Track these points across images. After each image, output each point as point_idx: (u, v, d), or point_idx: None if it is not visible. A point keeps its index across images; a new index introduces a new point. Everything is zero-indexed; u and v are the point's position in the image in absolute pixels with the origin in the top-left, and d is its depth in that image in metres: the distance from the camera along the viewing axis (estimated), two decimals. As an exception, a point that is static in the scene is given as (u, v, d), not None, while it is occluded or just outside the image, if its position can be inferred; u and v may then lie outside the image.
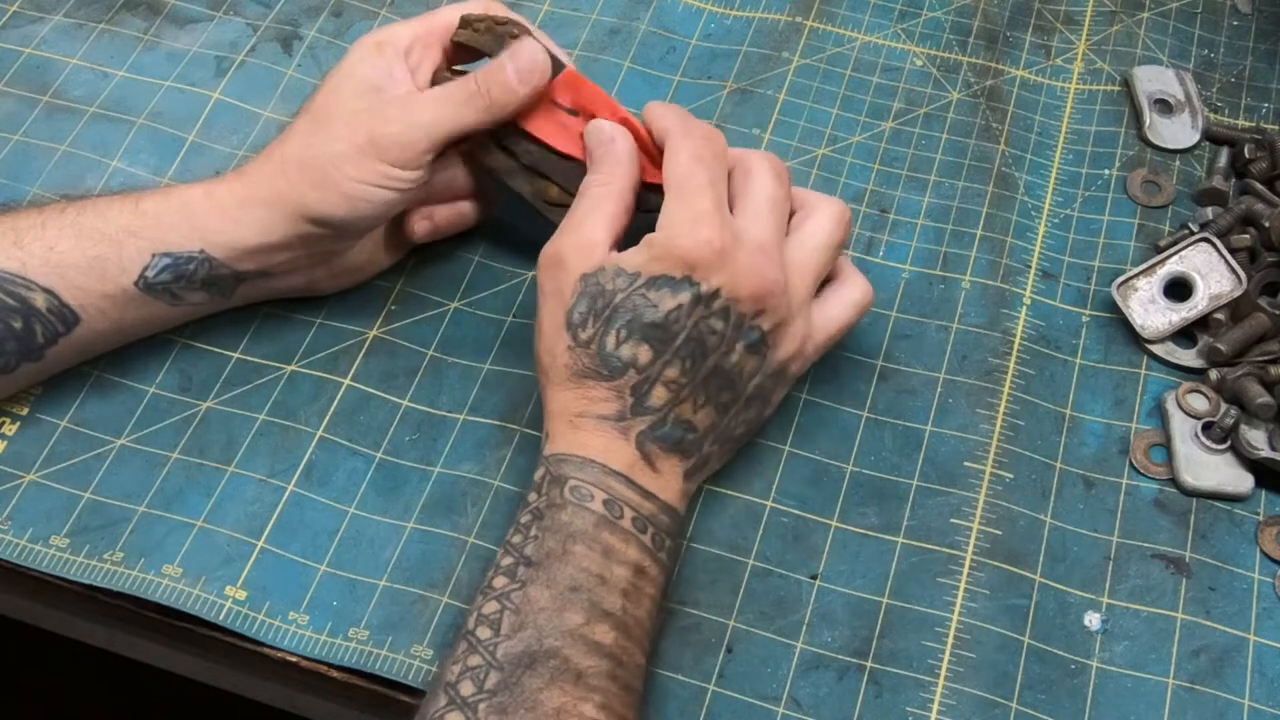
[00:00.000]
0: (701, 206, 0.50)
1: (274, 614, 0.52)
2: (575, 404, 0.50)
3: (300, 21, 0.72)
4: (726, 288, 0.50)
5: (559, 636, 0.45)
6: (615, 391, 0.50)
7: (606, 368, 0.50)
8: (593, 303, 0.50)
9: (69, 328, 0.53)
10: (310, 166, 0.53)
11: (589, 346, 0.50)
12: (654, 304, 0.50)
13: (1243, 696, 0.51)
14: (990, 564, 0.54)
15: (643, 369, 0.50)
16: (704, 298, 0.50)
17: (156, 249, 0.53)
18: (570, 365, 0.50)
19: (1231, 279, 0.60)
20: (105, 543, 0.53)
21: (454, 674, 0.45)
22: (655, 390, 0.50)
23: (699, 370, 0.50)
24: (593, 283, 0.50)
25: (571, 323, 0.50)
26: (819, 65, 0.72)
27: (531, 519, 0.48)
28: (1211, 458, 0.56)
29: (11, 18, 0.72)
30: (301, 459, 0.56)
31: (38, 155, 0.65)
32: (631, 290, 0.50)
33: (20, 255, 0.52)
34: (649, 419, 0.50)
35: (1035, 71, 0.72)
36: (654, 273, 0.50)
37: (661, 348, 0.50)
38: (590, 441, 0.49)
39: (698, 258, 0.49)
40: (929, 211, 0.66)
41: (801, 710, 0.50)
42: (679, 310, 0.50)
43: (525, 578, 0.46)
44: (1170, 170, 0.67)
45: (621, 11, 0.74)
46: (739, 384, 0.52)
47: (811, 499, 0.56)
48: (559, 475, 0.49)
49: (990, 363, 0.60)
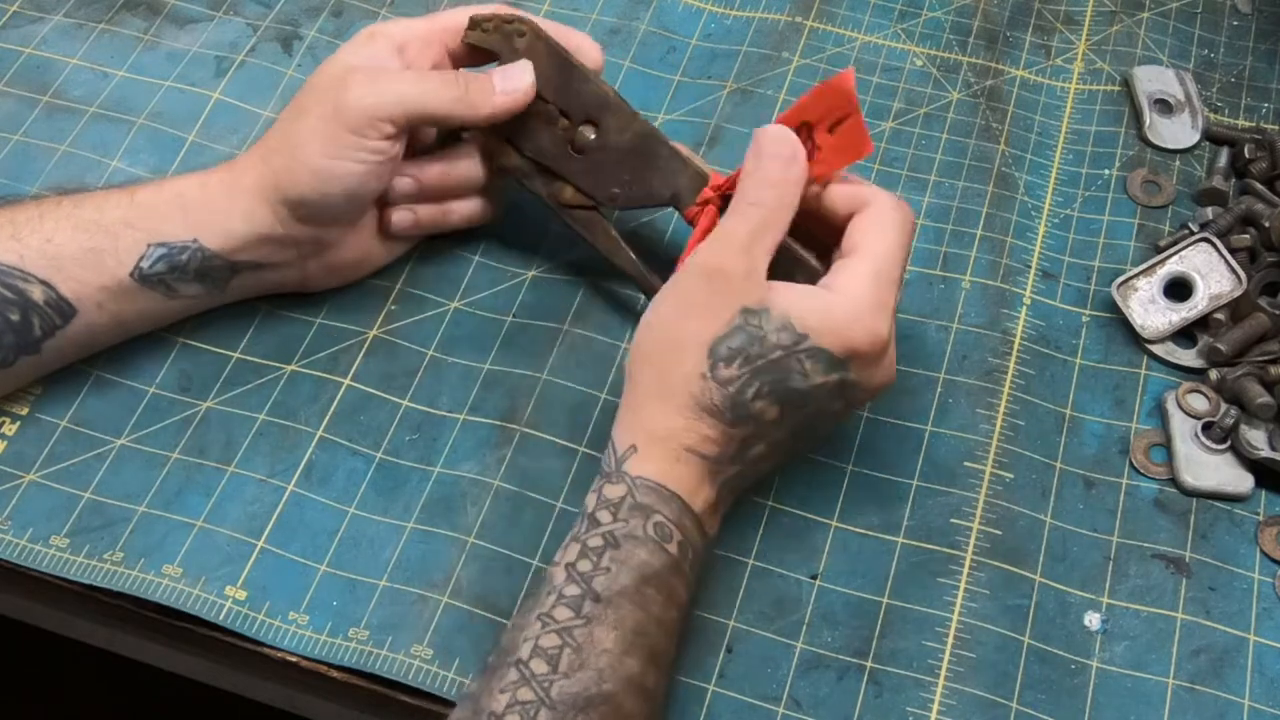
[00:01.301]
0: (887, 299, 0.48)
1: (274, 614, 0.52)
2: (685, 435, 0.47)
3: (300, 21, 0.72)
4: (865, 380, 0.49)
5: (618, 682, 0.43)
6: (729, 438, 0.48)
7: (733, 414, 0.47)
8: (748, 344, 0.47)
9: (66, 320, 0.53)
10: (281, 147, 0.54)
11: (726, 387, 0.47)
12: (806, 374, 0.47)
13: (1243, 696, 0.51)
14: (990, 564, 0.54)
15: (763, 426, 0.48)
16: (847, 383, 0.48)
17: (151, 239, 0.53)
18: (697, 395, 0.47)
19: (1231, 279, 0.60)
20: (105, 543, 0.53)
21: (500, 704, 0.43)
22: (758, 447, 0.49)
23: (801, 435, 0.50)
24: (754, 323, 0.47)
25: (717, 353, 0.47)
26: (819, 65, 0.72)
27: (603, 545, 0.45)
28: (1211, 458, 0.56)
29: (11, 18, 0.72)
30: (301, 459, 0.56)
31: (38, 155, 0.65)
32: (793, 352, 0.47)
33: (18, 248, 0.52)
34: (739, 468, 0.49)
35: (1035, 71, 0.72)
36: (820, 344, 0.47)
37: (790, 414, 0.48)
38: (685, 476, 0.47)
39: (866, 351, 0.48)
40: (929, 211, 0.66)
41: (801, 710, 0.50)
42: (824, 387, 0.48)
43: (591, 614, 0.44)
44: (1170, 170, 0.67)
45: (621, 11, 0.74)
46: (816, 434, 0.52)
47: (811, 499, 0.56)
48: (645, 505, 0.46)
49: (990, 363, 0.60)
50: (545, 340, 0.60)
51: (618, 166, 0.56)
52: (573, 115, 0.56)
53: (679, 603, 0.47)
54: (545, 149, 0.57)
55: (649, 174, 0.56)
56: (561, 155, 0.57)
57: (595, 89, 0.56)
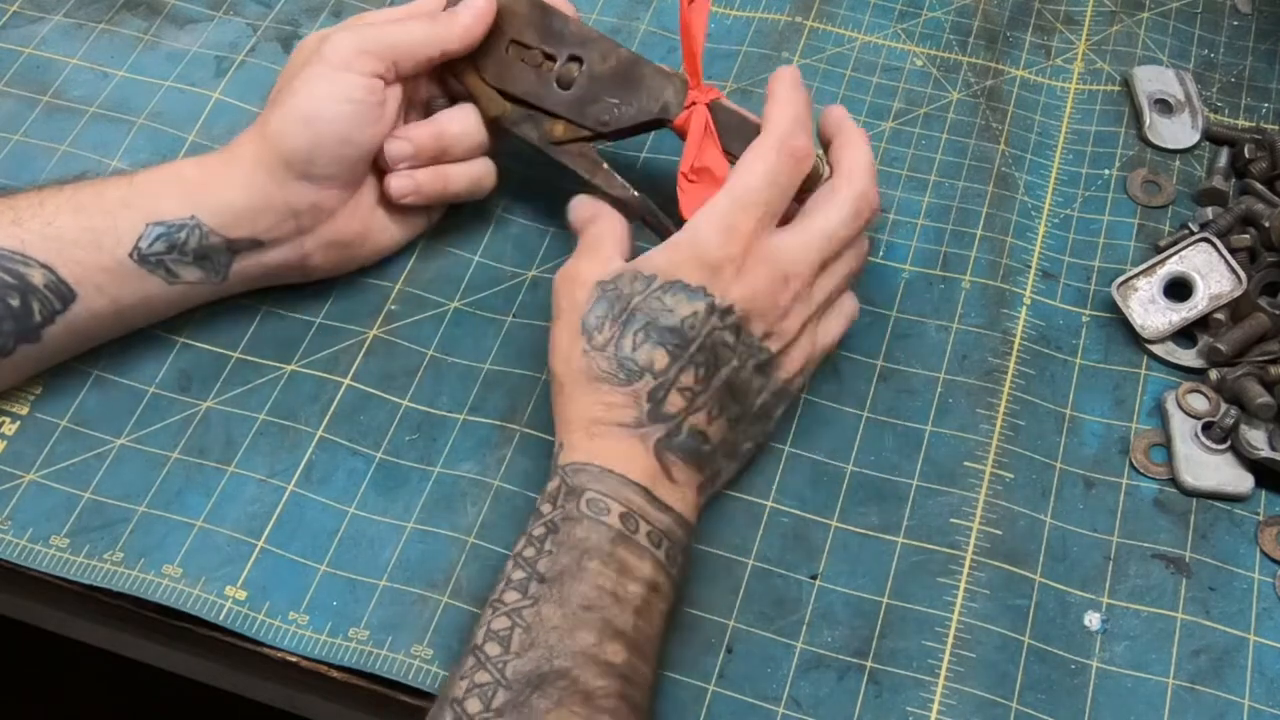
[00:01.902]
0: (740, 222, 0.51)
1: (274, 614, 0.52)
2: (591, 410, 0.50)
3: (300, 21, 0.72)
4: (739, 305, 0.50)
5: (569, 657, 0.44)
6: (632, 396, 0.49)
7: (623, 371, 0.49)
8: (610, 306, 0.50)
9: (65, 305, 0.53)
10: (273, 108, 0.55)
11: (605, 349, 0.50)
12: (670, 309, 0.50)
13: (1243, 696, 0.51)
14: (990, 564, 0.54)
15: (659, 374, 0.49)
16: (718, 310, 0.50)
17: (149, 218, 0.54)
18: (585, 369, 0.50)
19: (1231, 279, 0.60)
20: (105, 543, 0.53)
21: (460, 690, 0.44)
22: (671, 396, 0.50)
23: (712, 380, 0.50)
24: (610, 287, 0.51)
25: (587, 326, 0.50)
26: (819, 65, 0.72)
27: (545, 532, 0.47)
28: (1211, 458, 0.56)
29: (11, 18, 0.72)
30: (301, 459, 0.56)
31: (38, 155, 0.65)
32: (649, 293, 0.50)
33: (19, 233, 0.52)
34: (665, 426, 0.50)
35: (1035, 71, 0.72)
36: (671, 276, 0.50)
37: (677, 353, 0.50)
38: (609, 450, 0.49)
39: (715, 261, 0.50)
40: (929, 211, 0.66)
41: (801, 710, 0.50)
42: (694, 317, 0.50)
43: (537, 594, 0.46)
44: (1170, 170, 0.67)
45: (621, 11, 0.74)
46: (748, 399, 0.52)
47: (811, 499, 0.56)
48: (575, 486, 0.48)
49: (990, 363, 0.60)
50: (545, 340, 0.59)
51: (605, 92, 0.58)
52: (556, 55, 0.58)
53: (641, 577, 0.47)
54: (533, 90, 0.58)
55: (636, 93, 0.57)
56: (549, 93, 0.58)
57: (576, 27, 0.59)
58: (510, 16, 0.59)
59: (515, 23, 0.59)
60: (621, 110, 0.58)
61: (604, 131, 0.58)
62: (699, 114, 0.56)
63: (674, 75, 0.58)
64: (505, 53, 0.59)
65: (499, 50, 0.59)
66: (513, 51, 0.59)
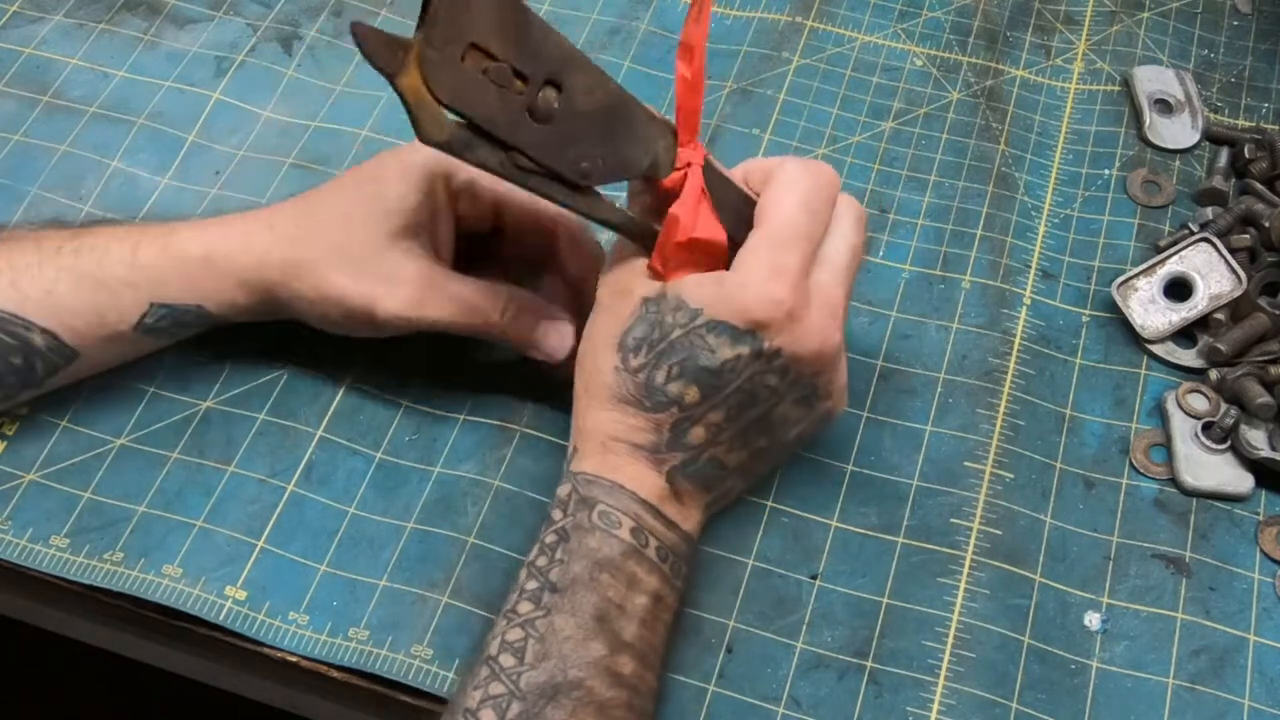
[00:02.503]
0: (786, 262, 0.47)
1: (274, 614, 0.52)
2: (610, 426, 0.49)
3: (300, 21, 0.72)
4: (788, 348, 0.48)
5: (583, 667, 0.44)
6: (654, 423, 0.48)
7: (650, 399, 0.48)
8: (650, 331, 0.48)
9: (68, 362, 0.53)
10: (291, 263, 0.53)
11: (637, 375, 0.48)
12: (712, 349, 0.47)
13: (1243, 696, 0.51)
14: (990, 564, 0.54)
15: (687, 409, 0.48)
16: (765, 355, 0.48)
17: (154, 299, 0.53)
18: (613, 387, 0.48)
19: (1231, 279, 0.60)
20: (105, 543, 0.53)
21: (474, 700, 0.44)
22: (694, 430, 0.49)
23: (743, 418, 0.49)
24: (653, 309, 0.48)
25: (624, 345, 0.48)
26: (819, 65, 0.72)
27: (557, 540, 0.47)
28: (1211, 458, 0.56)
29: (11, 18, 0.72)
30: (301, 459, 0.56)
31: (38, 155, 0.65)
32: (691, 328, 0.47)
33: (16, 296, 0.52)
34: (682, 455, 0.49)
35: (1035, 71, 0.72)
36: (716, 317, 0.47)
37: (711, 393, 0.48)
38: (622, 467, 0.48)
39: (765, 317, 0.47)
40: (929, 211, 0.66)
41: (801, 710, 0.50)
42: (736, 361, 0.47)
43: (550, 604, 0.45)
44: (1170, 170, 0.67)
45: (621, 11, 0.74)
46: (780, 431, 0.50)
47: (811, 499, 0.56)
48: (588, 497, 0.48)
49: (990, 363, 0.60)
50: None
51: (586, 134, 0.46)
52: (530, 75, 0.44)
53: (647, 590, 0.47)
54: (496, 116, 0.44)
55: (625, 141, 0.47)
56: (518, 123, 0.44)
57: (558, 41, 0.45)
58: (474, 13, 0.42)
59: (480, 22, 0.43)
60: (606, 162, 0.47)
61: (580, 184, 0.47)
62: (694, 176, 0.49)
63: (666, 125, 0.48)
64: (462, 61, 0.42)
65: (453, 56, 0.42)
66: (473, 60, 0.43)
